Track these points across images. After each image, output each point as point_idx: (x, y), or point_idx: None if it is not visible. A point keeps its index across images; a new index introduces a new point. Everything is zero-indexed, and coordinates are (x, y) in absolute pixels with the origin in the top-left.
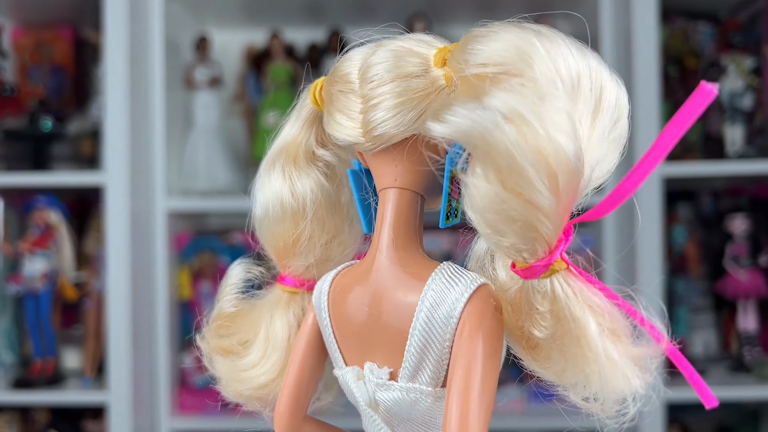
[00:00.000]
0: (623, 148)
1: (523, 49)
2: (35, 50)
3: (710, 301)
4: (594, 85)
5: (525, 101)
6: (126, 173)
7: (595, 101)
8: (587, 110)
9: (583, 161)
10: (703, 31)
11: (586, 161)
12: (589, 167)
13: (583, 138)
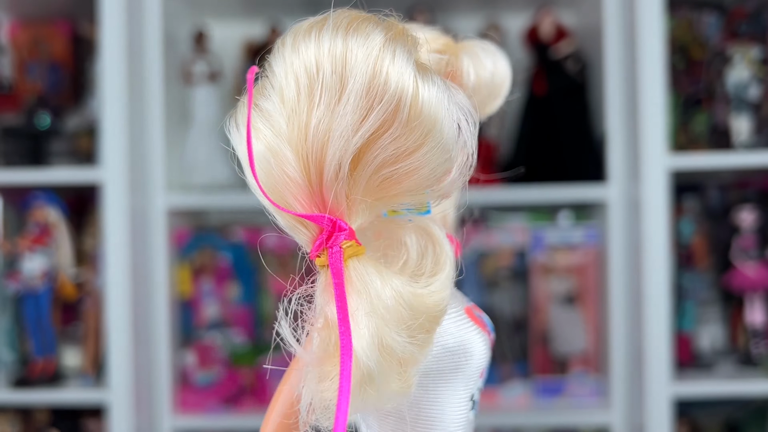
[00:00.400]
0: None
1: (274, 51)
2: (32, 46)
3: (717, 295)
4: (336, 70)
5: (271, 105)
6: (124, 169)
7: (338, 87)
8: (329, 97)
9: (282, 155)
10: (709, 20)
11: (312, 149)
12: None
13: (309, 126)
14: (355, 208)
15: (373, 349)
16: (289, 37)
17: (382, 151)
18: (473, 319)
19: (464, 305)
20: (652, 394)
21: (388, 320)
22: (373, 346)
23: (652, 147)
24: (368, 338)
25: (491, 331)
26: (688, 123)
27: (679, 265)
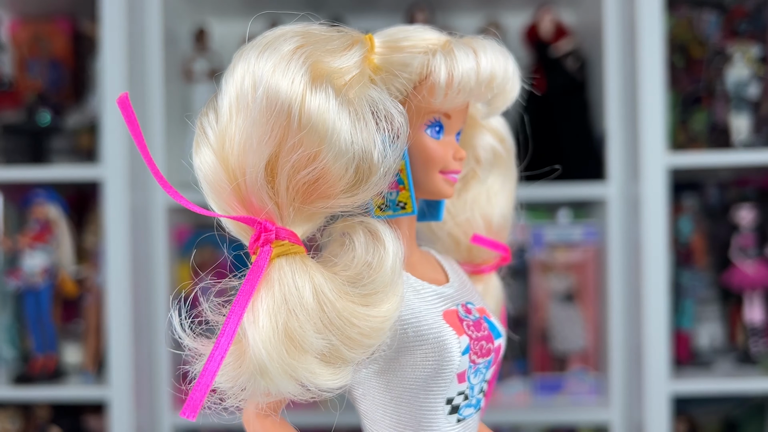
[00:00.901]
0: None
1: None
2: (33, 43)
3: (716, 293)
4: (251, 85)
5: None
6: (125, 167)
7: (249, 101)
8: (244, 111)
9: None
10: (709, 19)
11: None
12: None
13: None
14: (285, 211)
15: (271, 341)
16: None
17: (289, 158)
18: (449, 322)
19: (446, 308)
20: (651, 391)
21: (302, 318)
22: (272, 339)
23: (651, 145)
24: (267, 331)
25: (495, 338)
26: (687, 121)
27: (678, 264)
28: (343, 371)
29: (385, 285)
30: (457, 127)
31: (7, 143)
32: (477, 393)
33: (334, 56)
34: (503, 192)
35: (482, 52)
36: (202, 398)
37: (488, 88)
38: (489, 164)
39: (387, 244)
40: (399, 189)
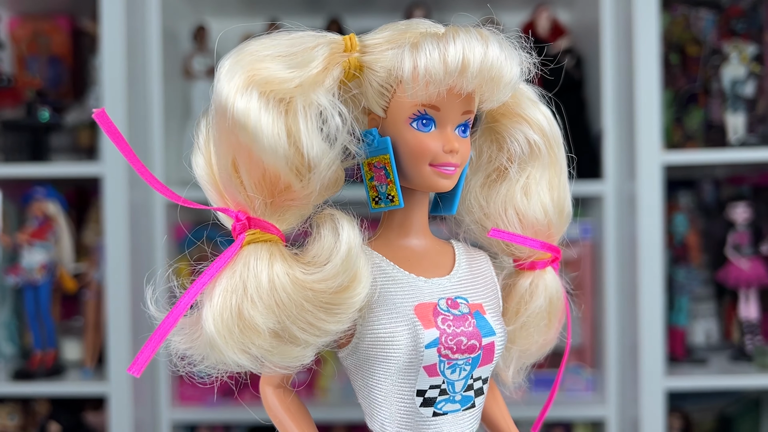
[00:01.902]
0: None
1: None
2: (32, 41)
3: (712, 290)
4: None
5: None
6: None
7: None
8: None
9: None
10: (705, 17)
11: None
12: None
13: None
14: (255, 204)
15: (222, 318)
16: None
17: (237, 155)
18: (419, 314)
19: (422, 300)
20: (646, 387)
21: (255, 299)
22: (222, 316)
23: (647, 143)
24: (217, 309)
25: (485, 335)
26: (683, 119)
27: (673, 261)
28: (303, 351)
29: (337, 273)
30: (455, 118)
31: (6, 140)
32: (462, 390)
33: (282, 62)
34: (542, 187)
35: (453, 41)
36: (148, 358)
37: (463, 77)
38: (524, 157)
39: (341, 234)
40: (387, 182)
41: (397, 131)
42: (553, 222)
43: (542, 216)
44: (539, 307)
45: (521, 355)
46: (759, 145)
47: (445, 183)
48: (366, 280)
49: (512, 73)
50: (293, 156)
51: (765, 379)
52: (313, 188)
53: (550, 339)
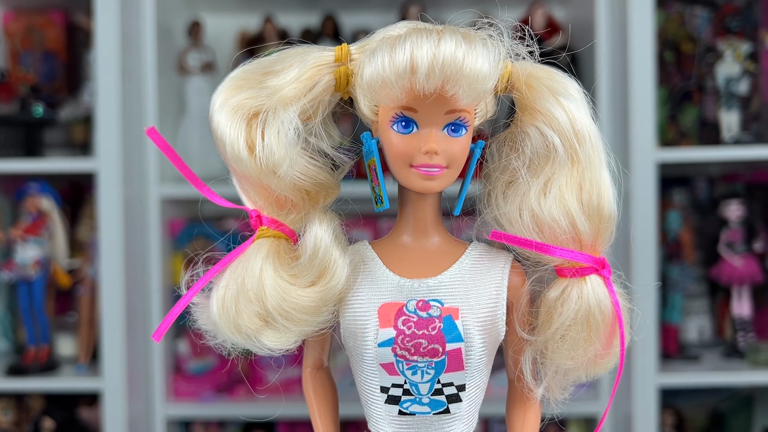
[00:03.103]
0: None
1: None
2: (26, 35)
3: (705, 287)
4: None
5: None
6: (119, 159)
7: None
8: None
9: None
10: (700, 15)
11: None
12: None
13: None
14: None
15: (222, 301)
16: None
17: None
18: (381, 312)
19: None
20: (639, 384)
21: (249, 287)
22: (223, 299)
23: (641, 141)
24: (220, 294)
25: (449, 341)
26: (677, 117)
27: (666, 258)
28: (285, 336)
29: (302, 271)
30: (438, 119)
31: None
32: (429, 393)
33: (262, 78)
34: (563, 189)
35: (403, 43)
36: (166, 328)
37: (415, 78)
38: (539, 156)
39: (314, 232)
40: (376, 184)
41: (383, 134)
42: (583, 226)
43: (564, 220)
44: (570, 319)
45: (558, 370)
46: (753, 143)
47: (426, 184)
48: (336, 276)
49: (474, 67)
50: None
51: (757, 376)
52: (283, 190)
53: (597, 358)
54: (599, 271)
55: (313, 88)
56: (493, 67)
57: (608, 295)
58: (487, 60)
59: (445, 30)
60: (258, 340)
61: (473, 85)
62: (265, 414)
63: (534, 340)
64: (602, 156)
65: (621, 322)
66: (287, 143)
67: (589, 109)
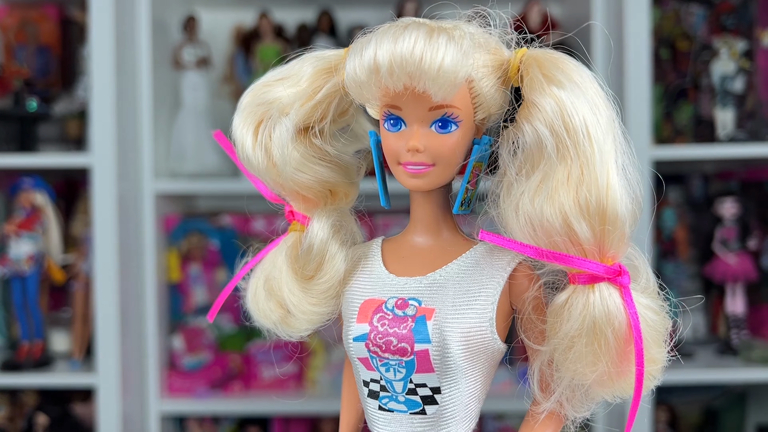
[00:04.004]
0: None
1: None
2: (20, 29)
3: (699, 285)
4: None
5: None
6: (113, 155)
7: None
8: None
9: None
10: (696, 13)
11: None
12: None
13: None
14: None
15: (254, 289)
16: None
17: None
18: (361, 308)
19: (374, 296)
20: None
21: (269, 282)
22: (255, 288)
23: (636, 138)
24: (252, 284)
25: (417, 341)
26: (672, 114)
27: (661, 255)
28: (298, 324)
29: (306, 263)
30: (422, 116)
31: None
32: (403, 392)
33: (276, 86)
34: (553, 190)
35: (369, 42)
36: (216, 309)
37: (379, 76)
38: (530, 154)
39: (311, 228)
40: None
41: (381, 132)
42: (579, 228)
43: (557, 221)
44: (574, 329)
45: (572, 385)
46: (747, 140)
47: (412, 182)
48: (332, 271)
49: (433, 61)
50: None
51: (750, 373)
52: (290, 188)
53: (615, 375)
54: (613, 279)
55: (318, 91)
56: (459, 60)
57: (622, 306)
58: (449, 53)
59: (410, 25)
60: (282, 327)
61: (437, 80)
62: (260, 410)
63: (539, 350)
64: (605, 151)
65: (638, 339)
66: (282, 146)
67: (597, 99)
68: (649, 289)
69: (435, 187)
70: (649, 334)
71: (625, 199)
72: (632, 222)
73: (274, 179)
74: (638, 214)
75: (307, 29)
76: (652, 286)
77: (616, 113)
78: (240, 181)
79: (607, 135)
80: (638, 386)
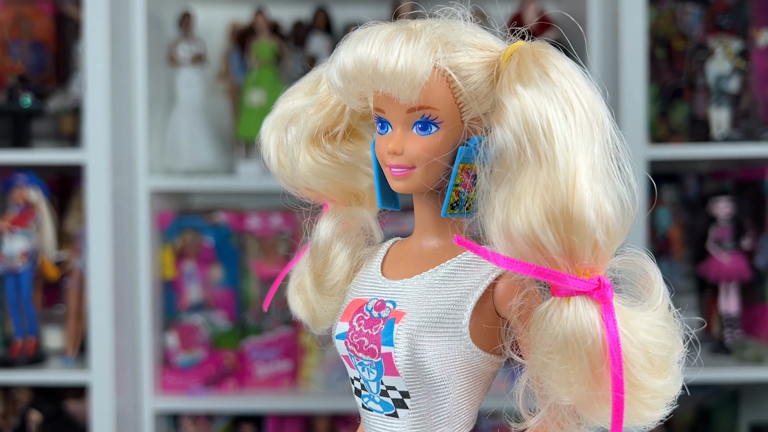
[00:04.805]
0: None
1: None
2: (14, 25)
3: (693, 284)
4: None
5: None
6: (107, 151)
7: None
8: None
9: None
10: (692, 12)
11: None
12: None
13: None
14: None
15: (291, 287)
16: None
17: None
18: (348, 306)
19: (363, 296)
20: None
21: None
22: (291, 285)
23: (632, 137)
24: (292, 279)
25: (384, 344)
26: (668, 114)
27: (655, 254)
28: (323, 319)
29: (314, 260)
30: (402, 118)
31: None
32: (377, 393)
33: (299, 94)
34: (520, 195)
35: (337, 50)
36: (268, 302)
37: (347, 81)
38: (500, 161)
39: (317, 227)
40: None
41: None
42: (544, 236)
43: (525, 231)
44: (548, 345)
45: (557, 407)
46: (742, 140)
47: (396, 184)
48: (334, 269)
49: (387, 65)
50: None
51: (743, 372)
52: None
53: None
54: (590, 293)
55: (329, 98)
56: (415, 61)
57: (598, 323)
58: (403, 54)
59: (374, 28)
60: (311, 322)
61: (395, 83)
62: (254, 408)
63: (521, 363)
64: (572, 152)
65: (616, 361)
66: (290, 150)
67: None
68: (655, 305)
69: (420, 190)
70: (640, 357)
71: (601, 204)
72: (612, 230)
73: (287, 182)
74: (627, 221)
75: (302, 26)
76: (659, 304)
77: (609, 113)
78: (235, 179)
79: (577, 134)
80: (615, 417)
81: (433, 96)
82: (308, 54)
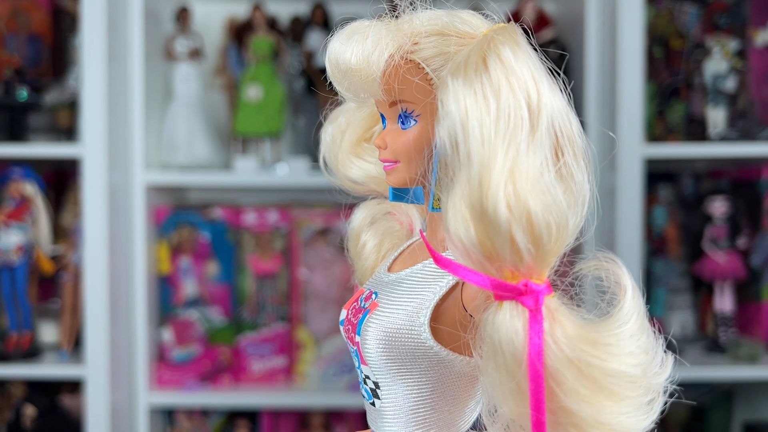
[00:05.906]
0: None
1: None
2: (11, 18)
3: (688, 282)
4: None
5: None
6: (104, 145)
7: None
8: None
9: None
10: (689, 12)
11: None
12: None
13: None
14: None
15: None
16: None
17: None
18: (353, 294)
19: (364, 285)
20: None
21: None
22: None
23: (628, 136)
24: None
25: (357, 333)
26: (665, 112)
27: (651, 253)
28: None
29: (348, 245)
30: (387, 112)
31: None
32: (362, 380)
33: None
34: (456, 197)
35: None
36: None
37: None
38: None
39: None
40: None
41: None
42: (467, 235)
43: (464, 233)
44: (485, 352)
45: (511, 425)
46: (738, 140)
47: (387, 179)
48: (362, 257)
49: (343, 62)
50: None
51: (738, 371)
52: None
53: (521, 415)
54: (519, 299)
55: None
56: (365, 57)
57: (522, 333)
58: (355, 51)
59: (344, 28)
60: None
61: (353, 80)
62: (249, 403)
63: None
64: (490, 146)
65: (532, 374)
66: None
67: (505, 84)
68: (619, 322)
69: (407, 184)
70: (569, 377)
71: (521, 201)
72: (538, 229)
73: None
74: (571, 220)
75: (300, 22)
76: (626, 321)
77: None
78: (231, 174)
79: (498, 128)
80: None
81: (408, 90)
82: (306, 49)
